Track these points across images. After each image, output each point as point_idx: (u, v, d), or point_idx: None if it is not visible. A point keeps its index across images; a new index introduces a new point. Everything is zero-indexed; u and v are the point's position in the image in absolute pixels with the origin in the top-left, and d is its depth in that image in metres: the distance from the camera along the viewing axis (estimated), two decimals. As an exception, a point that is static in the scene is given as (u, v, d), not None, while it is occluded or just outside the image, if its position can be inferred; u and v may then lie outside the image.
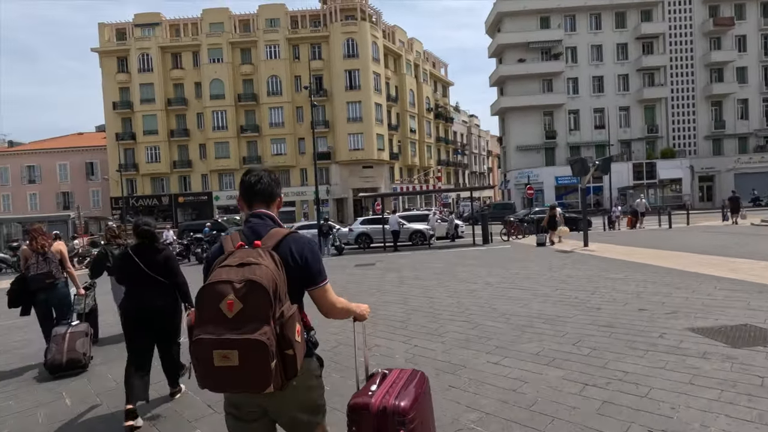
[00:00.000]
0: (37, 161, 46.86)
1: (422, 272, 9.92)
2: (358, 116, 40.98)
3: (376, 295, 7.45)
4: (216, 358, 1.34)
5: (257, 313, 1.36)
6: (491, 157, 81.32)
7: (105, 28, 43.52)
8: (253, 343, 1.33)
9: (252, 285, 1.37)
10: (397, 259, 13.50)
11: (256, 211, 1.70)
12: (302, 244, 1.62)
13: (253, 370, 1.35)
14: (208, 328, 1.36)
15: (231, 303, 1.35)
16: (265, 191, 1.73)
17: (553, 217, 14.79)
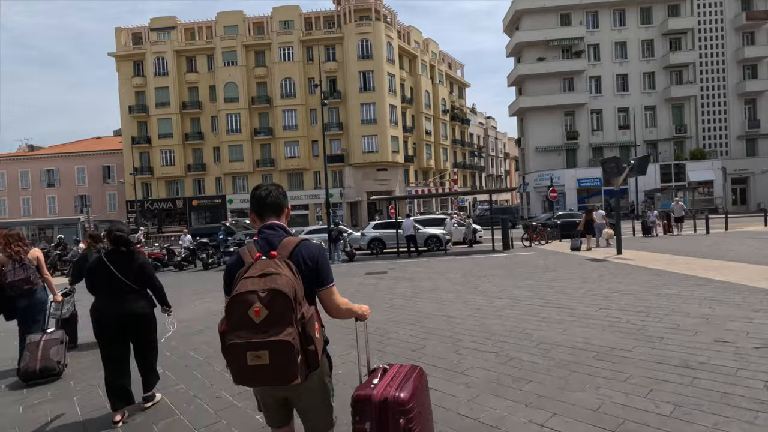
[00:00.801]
0: (56, 165, 47.46)
1: (439, 282, 8.93)
2: (373, 118, 40.19)
3: (386, 311, 6.51)
4: (249, 358, 1.56)
5: (281, 317, 1.58)
6: (509, 160, 79.62)
7: (121, 33, 43.88)
8: (281, 343, 1.55)
9: (275, 293, 1.58)
10: (411, 266, 12.52)
11: (268, 222, 1.88)
12: (312, 250, 1.82)
13: (282, 366, 1.57)
14: (239, 332, 1.57)
15: (258, 310, 1.56)
16: (274, 204, 1.91)
17: (590, 221, 13.65)
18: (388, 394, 1.76)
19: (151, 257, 15.55)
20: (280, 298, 1.57)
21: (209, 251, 15.47)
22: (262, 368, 1.56)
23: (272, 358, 1.55)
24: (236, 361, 1.58)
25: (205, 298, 9.18)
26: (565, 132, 39.13)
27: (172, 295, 10.31)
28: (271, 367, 1.56)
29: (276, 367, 1.56)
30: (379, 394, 1.76)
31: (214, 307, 8.02)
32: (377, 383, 1.83)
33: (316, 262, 1.80)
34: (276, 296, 1.57)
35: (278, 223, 1.89)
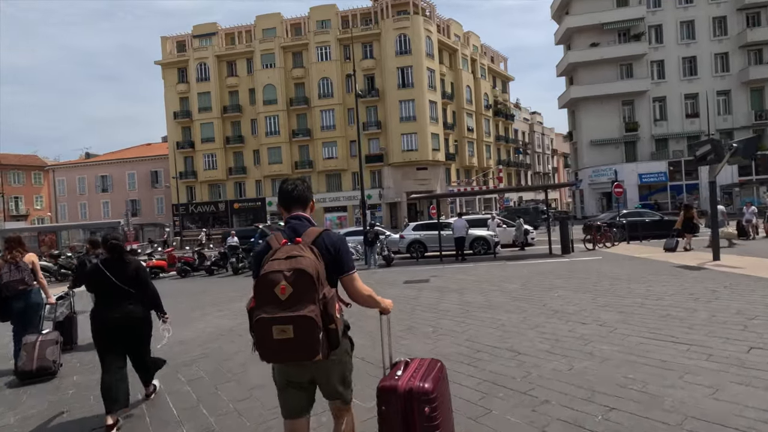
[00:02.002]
0: (110, 171, 49.69)
1: (494, 296, 7.29)
2: (412, 115, 38.67)
3: (429, 339, 5.00)
4: (275, 332, 1.66)
5: (305, 295, 1.68)
6: (557, 156, 75.34)
7: (167, 41, 45.15)
8: (304, 318, 1.65)
9: (299, 272, 1.69)
10: (456, 273, 10.90)
11: (294, 213, 2.04)
12: (334, 238, 1.96)
13: (305, 340, 1.67)
14: (266, 308, 1.68)
15: (283, 288, 1.67)
16: (300, 197, 2.07)
17: (690, 218, 11.56)
18: (413, 384, 1.85)
19: (180, 261, 14.92)
20: (303, 277, 1.68)
21: (239, 255, 14.60)
22: (287, 342, 1.66)
23: (296, 333, 1.65)
24: (263, 335, 1.68)
25: (221, 310, 8.07)
26: (623, 123, 35.75)
27: (187, 306, 9.10)
28: (295, 342, 1.66)
29: (299, 342, 1.66)
30: (404, 385, 1.86)
31: (227, 324, 6.85)
32: (401, 375, 1.93)
33: (338, 250, 1.92)
34: (300, 275, 1.68)
35: (303, 214, 2.03)
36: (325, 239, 1.90)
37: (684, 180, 33.25)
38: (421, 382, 1.86)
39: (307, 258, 1.74)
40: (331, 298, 1.77)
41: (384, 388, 1.88)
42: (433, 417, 1.82)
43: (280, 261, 1.73)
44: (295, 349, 1.68)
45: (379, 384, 1.91)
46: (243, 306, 8.50)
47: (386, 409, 1.85)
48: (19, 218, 57.98)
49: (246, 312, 1.81)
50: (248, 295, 1.78)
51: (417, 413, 1.81)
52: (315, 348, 1.68)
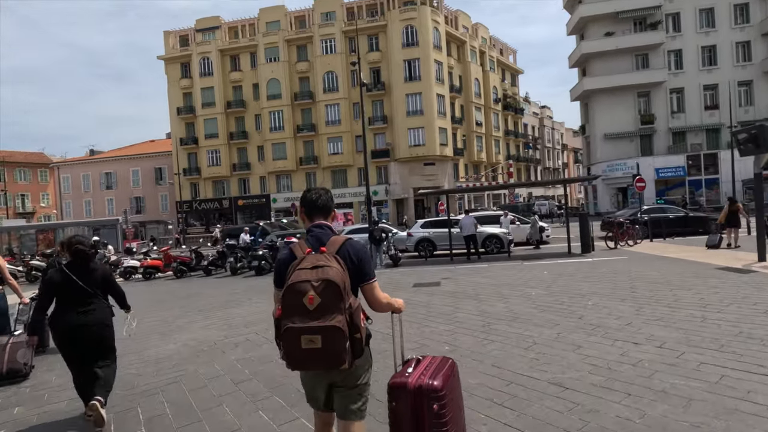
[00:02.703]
0: (114, 168, 49.26)
1: (516, 304, 6.38)
2: (419, 109, 37.64)
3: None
4: (303, 342, 1.69)
5: (333, 306, 1.70)
6: (566, 152, 73.85)
7: (169, 36, 44.49)
8: (333, 329, 1.68)
9: (328, 283, 1.71)
10: (470, 274, 9.99)
11: (317, 222, 2.05)
12: (358, 248, 1.97)
13: (333, 350, 1.70)
14: (294, 318, 1.71)
15: (312, 298, 1.69)
16: (324, 206, 2.09)
17: (735, 212, 10.58)
18: (422, 381, 1.88)
19: (176, 261, 14.15)
20: (331, 288, 1.71)
21: (237, 255, 13.79)
22: (315, 351, 1.69)
23: (324, 343, 1.68)
24: (291, 345, 1.71)
25: (209, 318, 7.24)
26: (638, 115, 34.43)
27: (174, 312, 8.15)
28: (322, 351, 1.69)
29: (327, 351, 1.69)
30: (414, 382, 1.88)
31: (212, 336, 6.01)
32: (412, 372, 1.95)
33: (360, 259, 1.94)
34: (328, 286, 1.71)
35: (326, 223, 2.06)
36: (349, 248, 1.94)
37: (703, 174, 31.91)
38: (431, 380, 1.89)
39: (334, 269, 1.77)
40: (357, 308, 1.81)
41: (395, 384, 1.92)
42: (442, 414, 1.85)
43: (307, 271, 1.76)
44: (322, 358, 1.73)
45: (390, 381, 1.95)
46: (233, 313, 7.75)
47: (397, 405, 1.90)
48: (26, 215, 57.93)
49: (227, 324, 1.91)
50: (240, 300, 1.88)
51: (426, 410, 1.84)
52: (342, 357, 1.73)
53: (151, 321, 7.43)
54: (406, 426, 1.86)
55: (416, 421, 1.85)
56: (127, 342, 5.70)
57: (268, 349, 5.11)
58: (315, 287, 1.70)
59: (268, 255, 13.56)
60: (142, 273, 14.19)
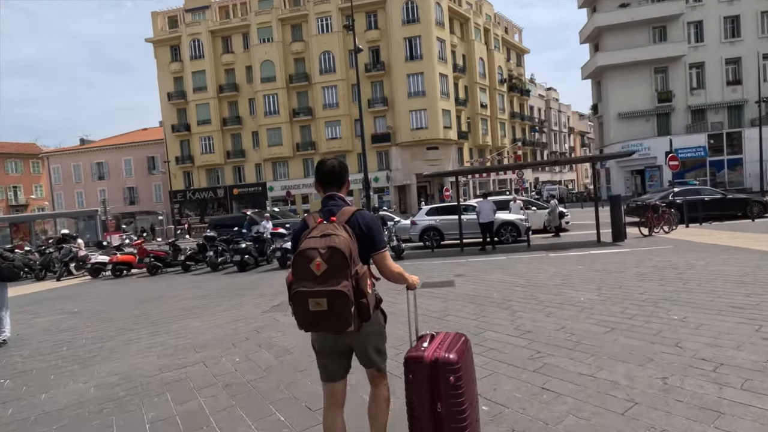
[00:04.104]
0: (105, 158, 47.50)
1: (565, 316, 4.68)
2: (421, 90, 35.60)
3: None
4: (311, 304, 1.78)
5: (338, 271, 1.78)
6: (573, 135, 71.56)
7: (158, 17, 42.30)
8: (337, 293, 1.76)
9: (333, 250, 1.79)
10: (488, 269, 8.28)
11: (330, 193, 2.12)
12: (367, 217, 2.04)
13: (338, 313, 1.78)
14: (303, 283, 1.80)
15: (318, 264, 1.77)
16: (338, 177, 2.14)
17: None
18: (438, 355, 1.94)
19: (149, 255, 12.49)
20: (337, 255, 1.78)
21: (218, 248, 12.11)
22: (322, 314, 1.78)
23: (330, 305, 1.76)
24: (300, 307, 1.82)
25: (155, 335, 5.56)
26: (655, 93, 32.29)
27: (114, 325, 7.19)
28: (328, 313, 1.77)
29: (333, 314, 1.77)
30: (430, 355, 1.94)
31: (143, 367, 4.33)
32: (427, 346, 2.00)
33: (370, 229, 2.01)
34: (334, 253, 1.78)
35: (338, 194, 2.12)
36: (359, 218, 2.00)
37: (725, 154, 29.90)
38: (447, 353, 1.93)
39: (341, 237, 1.84)
40: (363, 275, 1.87)
41: (411, 358, 1.97)
42: (458, 386, 1.90)
43: (316, 239, 1.84)
44: (328, 320, 1.80)
45: (406, 354, 2.00)
46: (189, 327, 5.92)
47: (413, 377, 1.95)
48: (19, 208, 56.49)
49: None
50: (207, 305, 3.69)
51: (442, 382, 1.89)
52: (347, 320, 1.81)
53: (83, 337, 5.78)
54: (423, 397, 1.93)
55: (432, 392, 1.91)
56: (28, 376, 4.08)
57: (210, 396, 3.43)
58: (321, 254, 1.79)
59: (253, 248, 11.89)
60: (111, 270, 12.56)
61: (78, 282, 12.40)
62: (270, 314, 6.20)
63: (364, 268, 1.89)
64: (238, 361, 4.25)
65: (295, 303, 1.82)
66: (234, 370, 4.01)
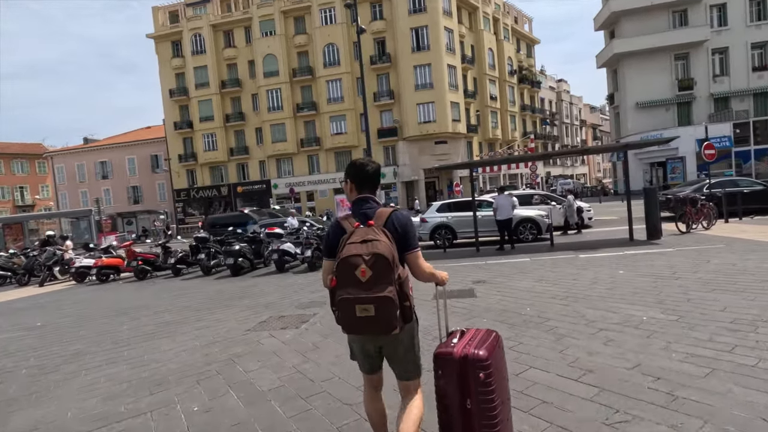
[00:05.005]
0: (109, 157, 46.92)
1: (631, 345, 3.56)
2: (428, 82, 34.33)
3: None
4: (358, 311, 1.82)
5: (383, 277, 1.80)
6: (585, 128, 69.65)
7: (159, 12, 41.45)
8: (385, 298, 1.79)
9: (377, 257, 1.80)
10: (513, 274, 7.13)
11: (364, 195, 2.10)
12: (402, 218, 2.03)
13: (385, 318, 1.82)
14: (348, 289, 1.82)
15: (364, 271, 1.79)
16: (376, 178, 2.14)
17: None
18: (468, 351, 1.91)
19: (137, 258, 11.51)
20: (381, 261, 1.80)
21: (211, 250, 11.09)
22: (369, 319, 1.81)
23: (377, 311, 1.80)
24: (346, 313, 1.85)
25: (110, 365, 4.51)
26: (675, 81, 30.70)
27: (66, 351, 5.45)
28: (376, 319, 1.81)
29: (380, 319, 1.81)
30: (460, 352, 1.92)
31: (78, 422, 3.26)
32: (456, 342, 1.98)
33: (405, 230, 2.00)
34: (378, 259, 1.80)
35: (372, 196, 2.11)
36: (394, 220, 1.99)
37: (752, 145, 28.27)
38: (476, 350, 1.92)
39: (383, 242, 1.84)
40: (405, 279, 1.91)
41: (440, 354, 1.96)
42: (488, 383, 1.88)
43: (357, 245, 1.84)
44: (375, 324, 1.83)
45: (436, 350, 2.00)
46: (158, 350, 4.52)
47: (443, 373, 1.95)
48: (25, 208, 56.34)
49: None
50: (187, 319, 3.05)
51: (472, 378, 1.88)
52: (393, 324, 1.83)
53: (26, 365, 4.76)
54: (452, 393, 1.92)
55: (462, 389, 1.90)
56: None
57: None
58: (366, 261, 1.79)
59: (248, 250, 10.85)
60: (96, 274, 11.61)
61: (61, 288, 11.48)
62: (254, 334, 5.14)
63: (405, 272, 1.94)
64: (195, 411, 3.18)
65: (340, 309, 1.86)
66: (186, 429, 2.93)
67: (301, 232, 11.06)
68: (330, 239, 2.02)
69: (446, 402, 1.94)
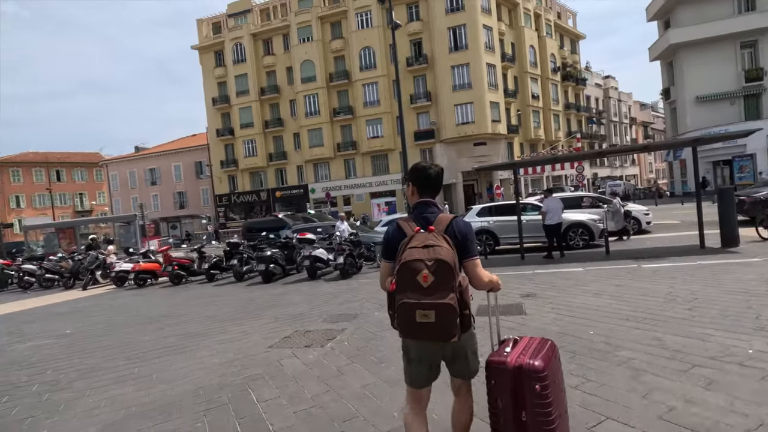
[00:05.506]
0: (157, 164, 49.15)
1: (746, 394, 2.73)
2: (466, 82, 33.35)
3: None
4: (418, 316, 1.79)
5: (445, 284, 1.78)
6: (635, 126, 65.67)
7: (202, 24, 43.03)
8: (446, 305, 1.77)
9: (440, 263, 1.79)
10: (568, 288, 6.28)
11: (424, 199, 2.08)
12: (463, 226, 2.01)
13: (445, 324, 1.79)
14: (408, 294, 1.80)
15: (426, 276, 1.77)
16: (438, 185, 2.12)
17: None
18: (522, 361, 1.85)
19: (173, 263, 11.50)
20: (444, 267, 1.79)
21: (243, 256, 10.87)
22: (429, 325, 1.79)
23: (437, 318, 1.77)
24: (406, 318, 1.83)
25: (115, 386, 4.15)
26: (741, 71, 28.00)
27: (76, 368, 5.06)
28: (435, 325, 1.78)
29: (440, 325, 1.79)
30: (514, 361, 1.86)
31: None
32: (510, 351, 1.93)
33: (465, 237, 1.97)
34: (441, 265, 1.79)
35: (433, 200, 2.08)
36: (455, 227, 1.97)
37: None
38: (532, 360, 1.85)
39: (445, 248, 1.83)
40: (466, 286, 1.90)
41: (493, 362, 1.92)
42: (545, 395, 1.81)
43: (419, 250, 1.83)
44: (435, 331, 1.80)
45: (488, 358, 1.95)
46: (170, 368, 4.08)
47: (495, 383, 1.90)
48: (84, 213, 60.14)
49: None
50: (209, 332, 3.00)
51: (527, 390, 1.81)
52: (453, 332, 1.81)
53: (40, 380, 4.51)
54: (506, 404, 1.87)
55: (516, 400, 1.84)
56: None
57: None
58: (428, 266, 1.77)
59: (280, 255, 10.53)
60: (134, 279, 11.71)
61: (102, 292, 11.67)
62: (276, 352, 4.66)
63: (466, 280, 1.93)
64: (194, 455, 2.68)
65: (400, 313, 1.84)
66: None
67: (333, 237, 10.62)
68: (390, 241, 2.02)
69: (499, 412, 1.90)
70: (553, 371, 1.88)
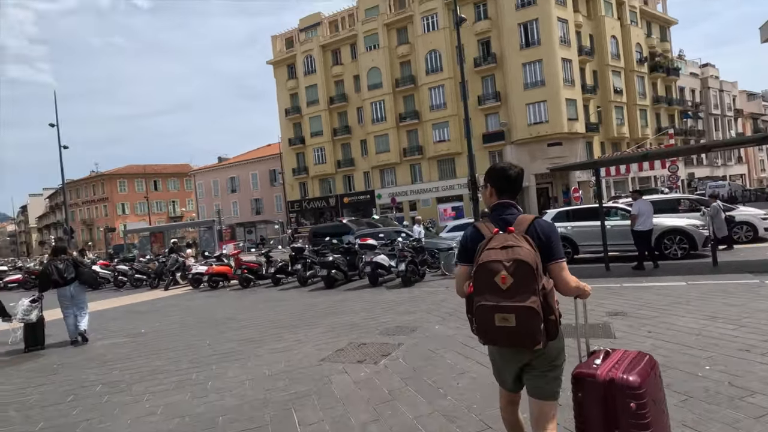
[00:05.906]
0: (237, 173, 52.76)
1: None
2: (539, 79, 31.49)
3: None
4: (497, 320, 1.70)
5: (526, 286, 1.68)
6: (742, 119, 57.65)
7: (276, 40, 45.52)
8: (527, 309, 1.66)
9: (519, 263, 1.69)
10: (668, 307, 5.27)
11: (503, 200, 1.99)
12: (546, 226, 1.90)
13: (526, 330, 1.68)
14: (486, 296, 1.72)
15: (504, 278, 1.68)
16: (518, 186, 2.03)
17: None
18: (614, 375, 1.71)
19: (242, 267, 11.91)
20: (523, 268, 1.68)
21: (307, 261, 10.93)
22: (508, 330, 1.69)
23: (518, 322, 1.67)
24: (484, 322, 1.74)
25: (171, 393, 4.10)
26: None
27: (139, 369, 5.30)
28: (516, 330, 1.68)
29: (521, 331, 1.68)
30: (604, 374, 1.72)
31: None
32: (600, 364, 1.79)
33: (549, 238, 1.86)
34: (520, 266, 1.68)
35: (512, 202, 2.00)
36: (537, 227, 1.88)
37: None
38: (626, 374, 1.70)
39: (525, 249, 1.73)
40: (551, 290, 1.77)
41: (581, 374, 1.78)
42: (642, 415, 1.63)
43: (497, 251, 1.75)
44: (516, 336, 1.71)
45: (575, 370, 1.82)
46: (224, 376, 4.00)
47: (583, 397, 1.77)
48: (176, 219, 66.55)
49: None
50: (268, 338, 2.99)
51: (620, 408, 1.67)
52: (536, 338, 1.69)
53: (101, 381, 4.63)
54: (595, 421, 1.72)
55: (608, 418, 1.70)
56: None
57: None
58: (507, 267, 1.69)
59: (342, 261, 10.41)
60: (207, 281, 12.32)
61: (180, 292, 12.44)
62: (327, 366, 4.36)
63: (551, 283, 1.80)
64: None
65: (478, 317, 1.77)
66: None
67: (395, 243, 10.28)
68: (467, 244, 1.96)
69: (588, 430, 1.76)
70: (652, 389, 1.70)
